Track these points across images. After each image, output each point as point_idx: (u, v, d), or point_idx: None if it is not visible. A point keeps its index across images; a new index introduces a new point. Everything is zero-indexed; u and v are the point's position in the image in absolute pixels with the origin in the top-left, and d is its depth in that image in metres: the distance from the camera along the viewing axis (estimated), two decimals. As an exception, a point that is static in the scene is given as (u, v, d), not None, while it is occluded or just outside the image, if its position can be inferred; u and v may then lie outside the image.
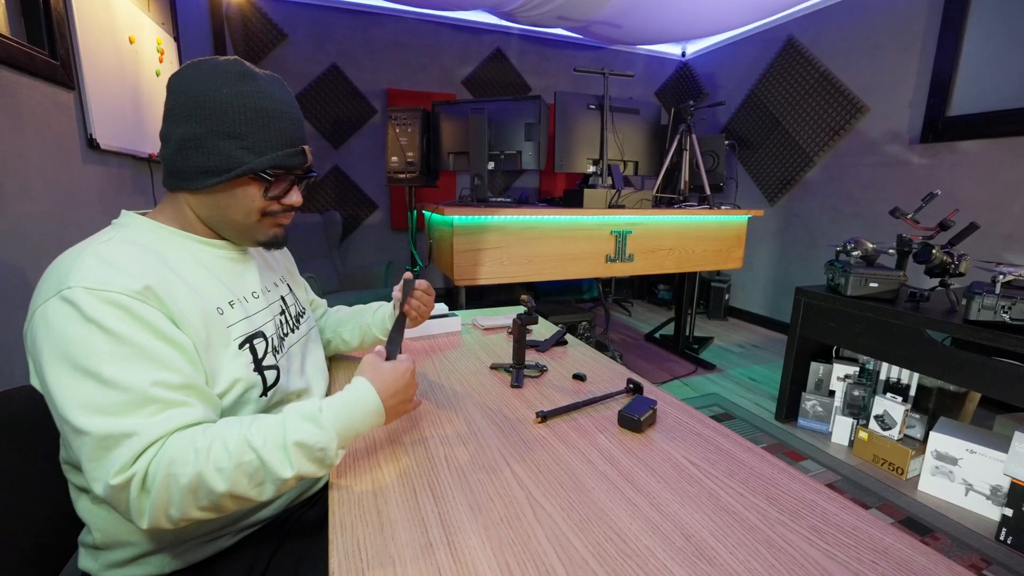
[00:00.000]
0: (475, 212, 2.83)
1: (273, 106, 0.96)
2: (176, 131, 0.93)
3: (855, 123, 4.34)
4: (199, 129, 0.91)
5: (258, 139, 0.94)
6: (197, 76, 0.93)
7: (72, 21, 1.90)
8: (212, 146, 0.92)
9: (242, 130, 0.92)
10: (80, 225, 1.92)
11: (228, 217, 0.99)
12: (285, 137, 0.97)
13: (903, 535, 0.77)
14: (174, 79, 0.95)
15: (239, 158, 0.93)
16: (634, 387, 1.31)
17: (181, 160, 0.93)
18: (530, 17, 4.94)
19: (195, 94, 0.91)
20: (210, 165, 0.92)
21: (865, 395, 2.80)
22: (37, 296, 0.82)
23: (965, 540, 2.11)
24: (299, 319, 1.22)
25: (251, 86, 0.94)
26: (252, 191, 0.97)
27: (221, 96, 0.91)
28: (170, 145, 0.94)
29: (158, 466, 0.74)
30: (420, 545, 0.74)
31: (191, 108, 0.91)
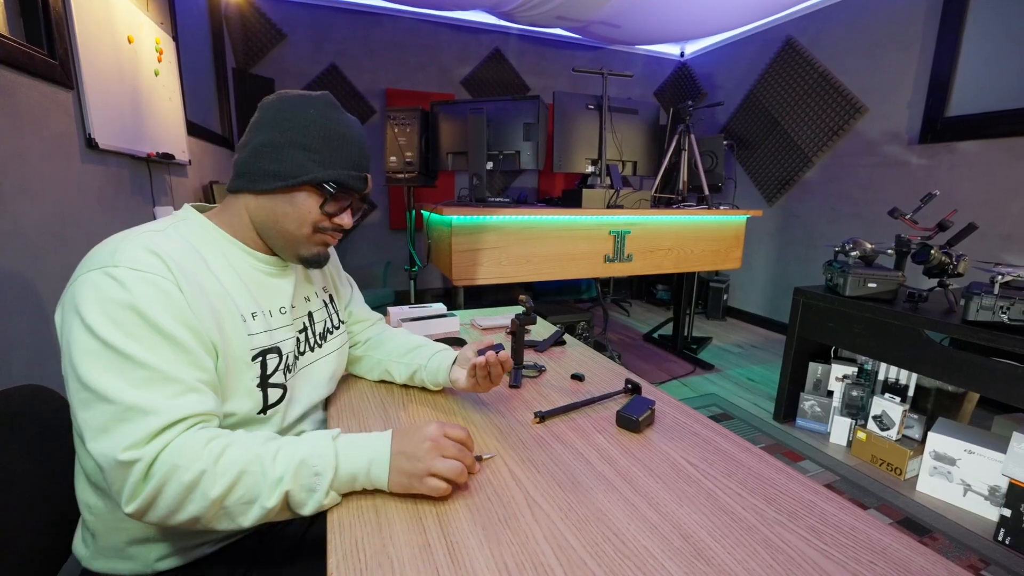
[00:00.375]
0: (473, 212, 2.83)
1: (349, 134, 1.03)
2: (255, 139, 0.99)
3: (854, 123, 4.34)
4: (278, 138, 0.98)
5: (329, 156, 0.99)
6: (291, 97, 1.02)
7: (71, 21, 1.90)
8: (286, 154, 0.97)
9: (316, 145, 0.98)
10: (79, 224, 1.92)
11: (281, 225, 1.01)
12: (353, 161, 1.03)
13: (901, 535, 0.77)
14: (270, 99, 1.02)
15: (307, 168, 0.98)
16: (632, 387, 1.31)
17: (253, 162, 0.98)
18: (529, 17, 4.94)
19: (282, 109, 1.00)
20: (279, 170, 0.97)
21: (863, 395, 2.80)
22: (80, 268, 0.84)
23: (963, 540, 2.11)
24: (324, 337, 1.19)
25: (336, 115, 1.02)
26: (311, 202, 1.00)
27: (308, 115, 0.99)
28: (246, 149, 0.99)
29: (169, 455, 0.75)
30: (418, 545, 0.74)
31: (276, 120, 0.99)
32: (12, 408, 0.98)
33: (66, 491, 0.98)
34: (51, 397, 1.08)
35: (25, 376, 1.57)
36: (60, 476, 1.00)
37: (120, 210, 2.23)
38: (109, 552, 0.93)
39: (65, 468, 0.99)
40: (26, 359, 1.58)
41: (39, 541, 0.94)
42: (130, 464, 0.74)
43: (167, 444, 0.76)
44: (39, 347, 1.65)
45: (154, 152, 2.53)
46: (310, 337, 1.14)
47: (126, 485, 0.74)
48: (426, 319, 1.79)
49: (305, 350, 1.12)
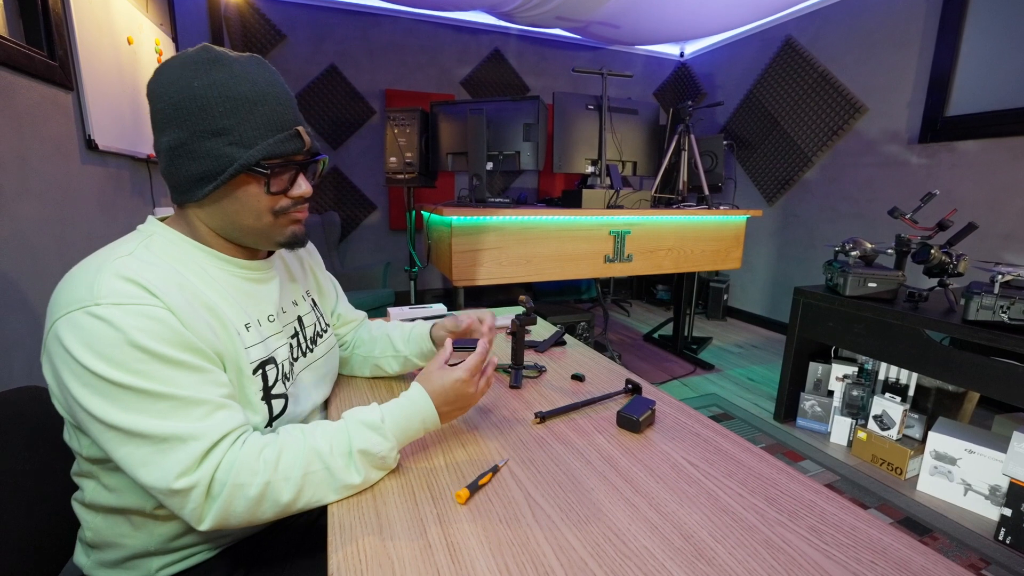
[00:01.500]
0: (473, 212, 2.83)
1: (252, 91, 0.86)
2: (162, 140, 0.87)
3: (853, 123, 4.34)
4: (181, 134, 0.85)
5: (243, 131, 0.85)
6: (168, 75, 0.85)
7: (70, 22, 1.90)
8: (199, 149, 0.85)
9: (223, 124, 0.84)
10: (79, 226, 1.92)
11: (239, 223, 0.92)
12: (273, 122, 0.88)
13: (902, 535, 0.77)
14: (151, 84, 0.88)
15: (228, 156, 0.85)
16: (633, 387, 1.31)
17: (175, 171, 0.87)
18: (528, 17, 4.94)
19: (169, 95, 0.84)
20: (202, 171, 0.86)
21: (864, 395, 2.80)
22: (56, 309, 0.77)
23: (964, 540, 2.11)
24: (315, 341, 1.17)
25: (223, 73, 0.85)
26: (253, 189, 0.90)
27: (194, 91, 0.83)
28: (161, 158, 0.89)
29: (226, 475, 0.76)
30: (419, 546, 0.74)
31: (168, 112, 0.85)
32: (11, 409, 0.98)
33: (66, 493, 0.98)
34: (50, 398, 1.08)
35: (25, 377, 1.57)
36: (60, 477, 1.00)
37: (120, 211, 2.23)
38: (110, 563, 0.93)
39: (65, 470, 0.99)
40: (25, 360, 1.58)
41: (39, 543, 0.94)
42: (187, 491, 0.75)
43: (218, 464, 0.77)
44: (39, 348, 1.64)
45: (153, 153, 2.53)
46: (302, 342, 1.11)
47: (188, 510, 0.76)
48: (426, 320, 1.79)
49: (298, 356, 1.09)
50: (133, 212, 2.37)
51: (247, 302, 0.97)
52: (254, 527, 0.97)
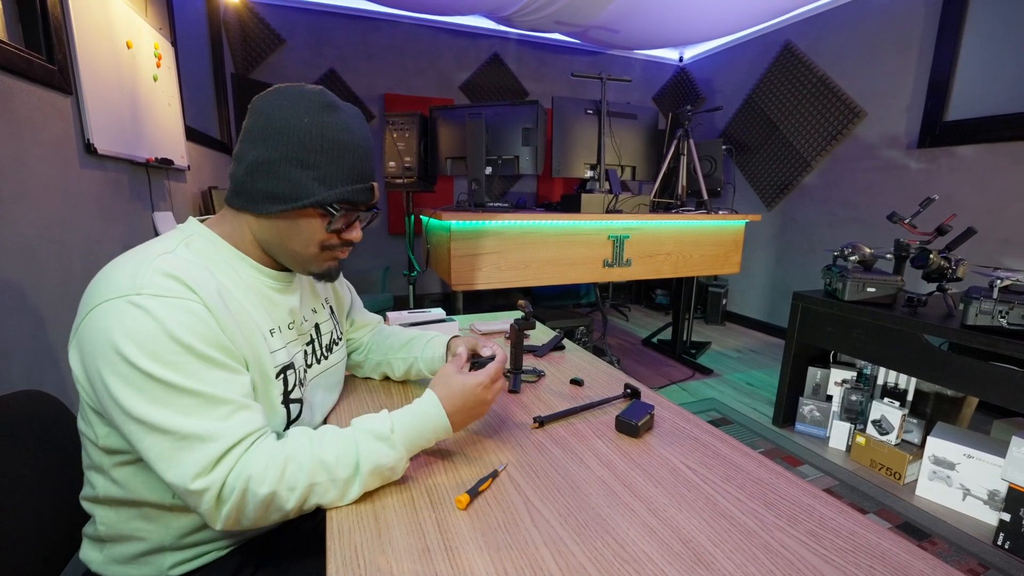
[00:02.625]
0: (472, 217, 2.83)
1: (350, 139, 0.95)
2: (251, 153, 0.92)
3: (852, 128, 4.35)
4: (273, 154, 0.90)
5: (330, 171, 0.93)
6: (281, 101, 0.92)
7: (69, 26, 1.90)
8: (283, 172, 0.91)
9: (316, 160, 0.91)
10: (78, 230, 1.91)
11: (287, 246, 0.98)
12: (357, 172, 0.96)
13: (900, 540, 0.77)
14: (259, 101, 0.94)
15: (309, 188, 0.92)
16: (631, 392, 1.31)
17: (250, 182, 0.92)
18: (528, 22, 4.95)
19: (276, 118, 0.91)
20: (279, 192, 0.92)
21: (863, 400, 2.80)
22: (94, 296, 0.80)
23: (963, 545, 2.11)
24: (330, 349, 1.20)
25: (333, 117, 0.93)
26: (316, 223, 0.96)
27: (302, 124, 0.90)
28: (242, 166, 0.93)
29: (236, 480, 0.79)
30: (418, 551, 0.74)
31: (270, 132, 0.90)
32: (11, 414, 0.98)
33: (66, 496, 0.98)
34: (50, 402, 1.08)
35: (24, 382, 1.57)
36: (60, 481, 1.00)
37: (119, 215, 2.23)
38: (123, 559, 0.93)
39: (65, 473, 0.99)
40: (25, 365, 1.58)
41: (40, 546, 0.94)
42: (202, 492, 0.77)
43: (232, 468, 0.79)
44: (38, 352, 1.65)
45: (153, 157, 2.53)
46: (317, 350, 1.14)
47: (203, 509, 0.79)
48: (425, 324, 1.79)
49: (312, 363, 1.11)
50: (132, 216, 2.37)
51: (272, 308, 1.01)
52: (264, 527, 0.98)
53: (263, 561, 1.04)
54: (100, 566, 0.94)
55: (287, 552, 1.07)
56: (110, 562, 0.93)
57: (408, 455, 0.91)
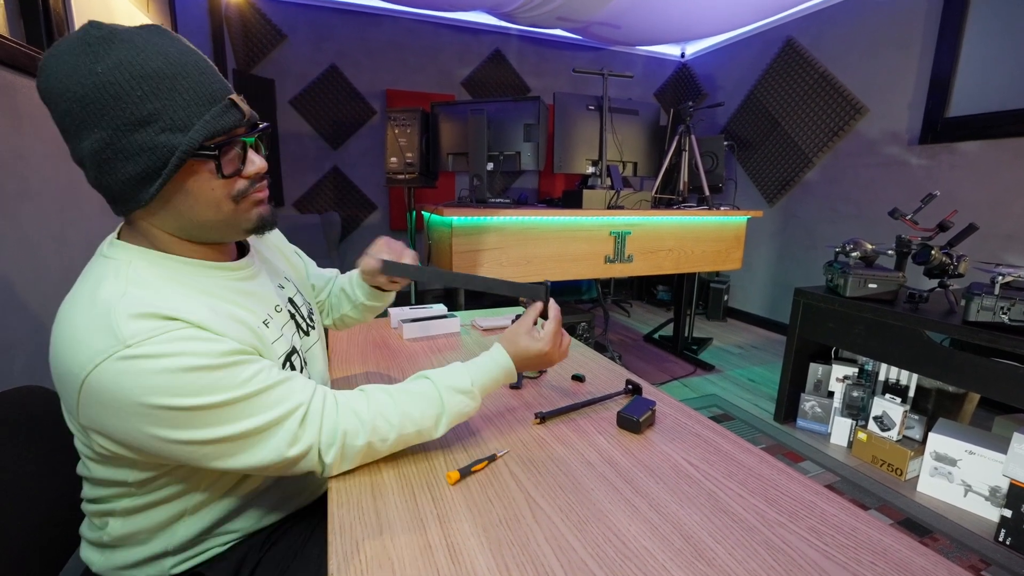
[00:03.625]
0: (474, 213, 2.83)
1: (167, 64, 0.74)
2: (83, 146, 0.75)
3: (854, 124, 4.34)
4: (103, 132, 0.73)
5: (173, 112, 0.74)
6: (62, 67, 0.72)
7: (71, 22, 1.90)
8: (128, 145, 0.73)
9: (149, 109, 0.73)
10: (78, 225, 1.91)
11: (198, 219, 0.83)
12: (202, 96, 0.77)
13: (902, 536, 0.77)
14: (42, 85, 0.74)
15: (165, 144, 0.74)
16: (633, 388, 1.31)
17: (108, 178, 0.76)
18: (529, 18, 4.94)
19: (73, 90, 0.71)
20: (139, 169, 0.75)
21: (864, 396, 2.80)
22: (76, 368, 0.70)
23: (964, 541, 2.11)
24: (311, 318, 1.17)
25: (125, 50, 0.73)
26: (204, 177, 0.80)
27: (99, 77, 0.71)
28: (88, 169, 0.78)
29: (332, 436, 0.86)
30: (419, 546, 0.74)
31: (78, 111, 0.72)
32: (12, 409, 0.98)
33: (66, 492, 0.98)
34: (50, 398, 1.08)
35: (25, 377, 1.57)
36: (60, 477, 1.00)
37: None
38: (125, 565, 0.93)
39: (65, 469, 0.99)
40: (25, 360, 1.58)
41: (39, 542, 0.94)
42: (302, 455, 0.84)
43: (320, 424, 0.85)
44: (38, 348, 1.65)
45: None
46: (300, 323, 1.10)
47: (308, 467, 0.86)
48: (427, 320, 1.79)
49: (303, 336, 1.09)
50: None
51: (253, 301, 0.95)
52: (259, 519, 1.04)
53: (264, 555, 1.04)
54: (101, 568, 0.94)
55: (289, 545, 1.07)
56: (112, 567, 0.93)
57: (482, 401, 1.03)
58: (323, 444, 0.85)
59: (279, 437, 0.81)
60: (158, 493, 0.88)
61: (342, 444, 0.86)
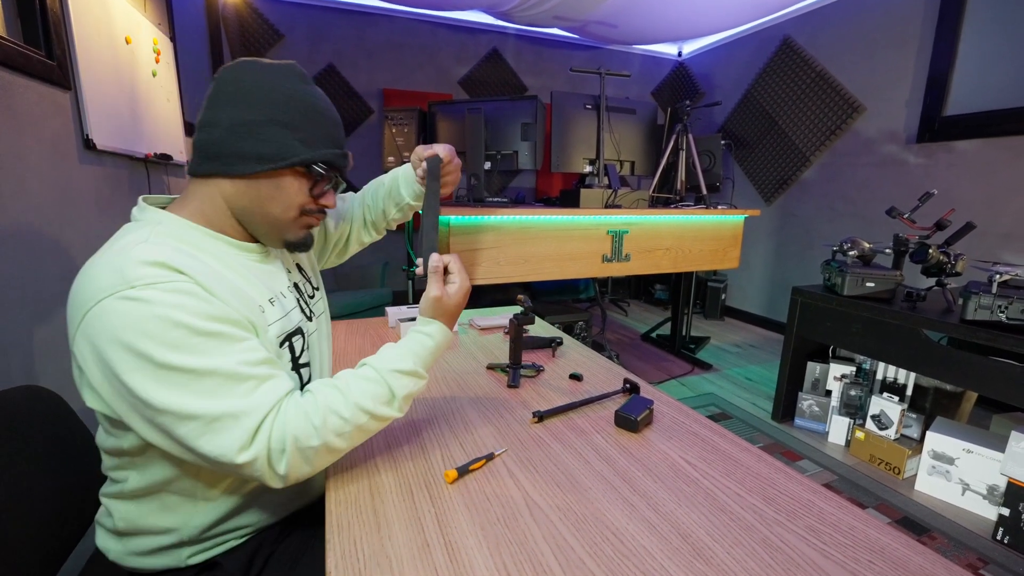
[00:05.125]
0: (471, 212, 2.83)
1: (327, 109, 0.98)
2: (225, 115, 0.90)
3: (851, 123, 4.34)
4: (255, 115, 0.90)
5: (313, 134, 0.94)
6: (257, 68, 0.93)
7: (68, 22, 1.89)
8: (267, 133, 0.91)
9: (299, 123, 0.93)
10: (76, 225, 1.91)
11: (266, 209, 0.96)
12: (334, 138, 0.98)
13: (900, 535, 0.78)
14: (226, 70, 0.93)
15: (293, 148, 0.92)
16: (631, 387, 1.31)
17: (231, 143, 0.90)
18: (526, 17, 4.94)
19: (250, 82, 0.91)
20: (263, 151, 0.91)
21: (862, 395, 2.80)
22: (82, 302, 0.78)
23: (962, 540, 2.12)
24: (312, 298, 1.20)
25: (311, 88, 0.96)
26: (298, 184, 0.96)
27: (285, 89, 0.92)
28: (217, 129, 0.91)
29: (282, 442, 0.81)
30: (417, 545, 0.74)
31: (244, 94, 0.90)
32: (10, 409, 0.98)
33: (65, 491, 0.98)
34: (49, 398, 1.08)
35: (23, 376, 1.57)
36: (59, 477, 1.00)
37: (118, 211, 2.23)
38: (141, 552, 0.95)
39: (63, 469, 0.99)
40: (24, 360, 1.58)
41: (39, 541, 0.94)
42: (251, 462, 0.79)
43: (270, 434, 0.80)
44: (37, 348, 1.64)
45: (152, 153, 2.53)
46: (303, 306, 1.13)
47: (258, 475, 0.81)
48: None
49: (307, 320, 1.12)
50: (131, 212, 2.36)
51: (266, 279, 1.02)
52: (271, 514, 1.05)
53: (275, 548, 1.05)
54: (119, 556, 0.95)
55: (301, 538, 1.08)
56: (129, 554, 0.95)
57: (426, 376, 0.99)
58: (273, 453, 0.80)
59: (233, 435, 0.78)
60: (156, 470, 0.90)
61: (294, 449, 0.81)
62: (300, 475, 0.84)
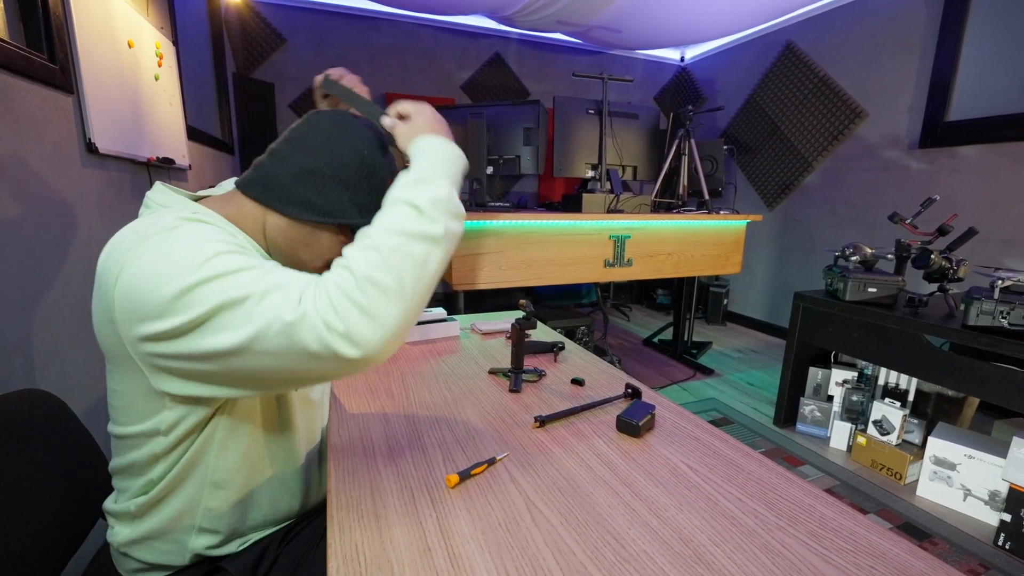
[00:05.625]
0: (473, 217, 2.83)
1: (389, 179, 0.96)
2: (300, 158, 0.95)
3: (854, 128, 4.35)
4: (327, 169, 0.94)
5: (368, 201, 0.97)
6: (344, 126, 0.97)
7: (71, 25, 1.90)
8: (329, 188, 0.95)
9: (360, 187, 0.97)
10: (79, 229, 1.91)
11: (296, 253, 0.99)
12: None
13: (901, 540, 0.77)
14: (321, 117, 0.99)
15: (347, 210, 0.96)
16: (632, 392, 1.31)
17: (292, 184, 0.94)
18: (529, 21, 4.95)
19: (338, 139, 0.96)
20: (319, 203, 0.94)
21: (863, 400, 2.80)
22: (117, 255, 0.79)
23: (963, 545, 2.11)
24: None
25: (382, 158, 1.00)
26: (335, 240, 0.99)
27: (361, 154, 0.96)
28: (287, 165, 0.95)
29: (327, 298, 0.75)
30: (419, 549, 0.74)
31: (326, 147, 0.95)
32: (12, 413, 0.98)
33: (65, 495, 0.98)
34: (50, 401, 1.08)
35: (24, 380, 1.57)
36: (60, 480, 1.00)
37: (120, 215, 2.23)
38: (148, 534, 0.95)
39: (65, 473, 0.99)
40: (26, 364, 1.58)
41: (37, 545, 0.94)
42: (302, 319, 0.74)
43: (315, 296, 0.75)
44: (38, 352, 1.65)
45: (154, 157, 2.53)
46: None
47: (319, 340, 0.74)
48: (426, 323, 1.79)
49: None
50: (133, 216, 2.35)
51: None
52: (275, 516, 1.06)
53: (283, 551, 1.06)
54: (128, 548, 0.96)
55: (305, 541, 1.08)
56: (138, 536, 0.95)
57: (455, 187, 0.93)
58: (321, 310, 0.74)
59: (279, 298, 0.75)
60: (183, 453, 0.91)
61: (339, 296, 0.75)
62: (364, 330, 0.75)
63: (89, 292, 0.85)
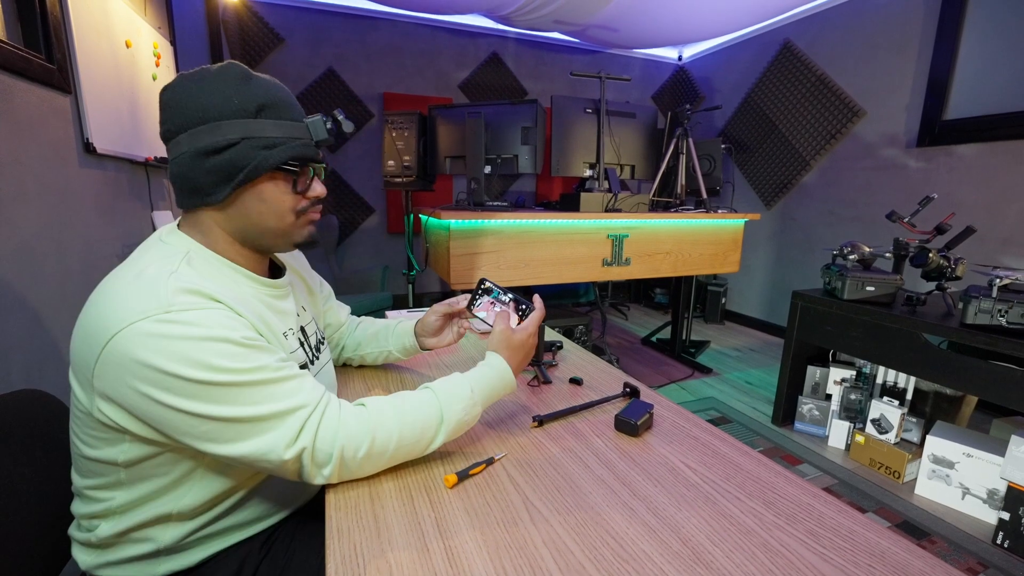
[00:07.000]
0: (472, 216, 2.83)
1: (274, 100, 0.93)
2: (185, 143, 0.89)
3: (852, 127, 4.35)
4: (210, 139, 0.88)
5: (271, 134, 0.91)
6: (192, 86, 0.89)
7: (69, 25, 1.90)
8: (227, 152, 0.89)
9: (252, 128, 0.89)
10: (77, 229, 1.91)
11: (262, 224, 0.96)
12: (294, 126, 0.94)
13: (900, 539, 0.77)
14: (168, 91, 0.90)
15: (257, 157, 0.90)
16: (631, 391, 1.31)
17: (199, 173, 0.89)
18: (527, 21, 4.95)
19: (193, 104, 0.88)
20: (231, 171, 0.89)
21: (862, 399, 2.80)
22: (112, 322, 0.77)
23: (962, 544, 2.11)
24: (319, 348, 1.20)
25: (252, 85, 0.91)
26: (279, 188, 0.95)
27: (225, 98, 0.88)
28: (183, 160, 0.89)
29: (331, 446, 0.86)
30: (417, 549, 0.74)
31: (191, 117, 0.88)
32: (10, 413, 0.98)
33: (66, 495, 0.98)
34: (49, 401, 1.08)
35: (23, 381, 1.57)
36: (59, 480, 1.00)
37: (118, 215, 2.23)
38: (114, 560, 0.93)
39: (65, 472, 0.98)
40: (24, 364, 1.58)
41: (38, 546, 0.94)
42: (296, 457, 0.83)
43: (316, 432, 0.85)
44: (37, 352, 1.64)
45: (152, 157, 2.53)
46: (308, 351, 1.14)
47: (304, 474, 0.86)
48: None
49: (306, 364, 1.11)
50: (131, 215, 2.37)
51: (279, 314, 1.05)
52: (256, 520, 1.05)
53: (265, 557, 1.04)
54: (93, 568, 0.93)
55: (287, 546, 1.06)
56: (103, 565, 0.93)
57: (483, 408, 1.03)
58: (318, 453, 0.84)
59: (279, 433, 0.82)
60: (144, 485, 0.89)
61: (340, 456, 0.86)
62: (338, 479, 0.89)
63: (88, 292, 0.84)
